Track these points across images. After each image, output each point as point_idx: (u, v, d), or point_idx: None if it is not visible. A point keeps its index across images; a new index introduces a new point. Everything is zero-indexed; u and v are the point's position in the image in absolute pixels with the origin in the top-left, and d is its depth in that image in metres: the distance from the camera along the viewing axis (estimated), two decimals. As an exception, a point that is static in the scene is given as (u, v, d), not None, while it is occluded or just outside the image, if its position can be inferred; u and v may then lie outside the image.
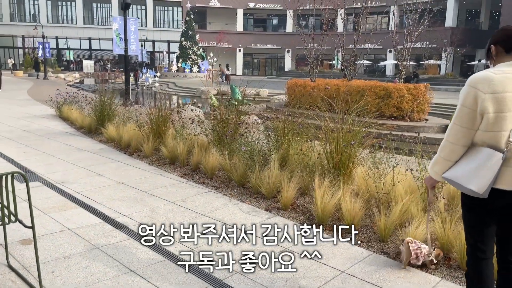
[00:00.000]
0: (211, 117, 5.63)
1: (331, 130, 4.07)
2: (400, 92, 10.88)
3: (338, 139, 4.03)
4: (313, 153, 4.37)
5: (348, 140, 4.02)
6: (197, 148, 5.56)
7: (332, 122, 4.50)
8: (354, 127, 4.14)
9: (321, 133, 4.50)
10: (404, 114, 10.91)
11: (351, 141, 4.01)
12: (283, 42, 52.90)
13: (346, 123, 4.19)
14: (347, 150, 4.02)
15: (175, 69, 39.72)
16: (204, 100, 22.00)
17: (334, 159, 4.06)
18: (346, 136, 4.04)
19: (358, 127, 4.22)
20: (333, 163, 4.08)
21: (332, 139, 4.08)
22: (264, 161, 4.61)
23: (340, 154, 4.01)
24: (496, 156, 1.88)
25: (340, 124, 4.12)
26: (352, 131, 4.04)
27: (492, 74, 1.90)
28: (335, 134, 4.06)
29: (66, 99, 10.63)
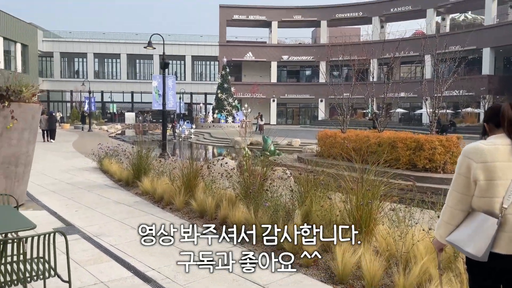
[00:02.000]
0: (238, 170, 5.89)
1: (351, 188, 4.20)
2: (432, 144, 10.81)
3: (358, 196, 4.14)
4: (334, 209, 4.49)
5: (367, 198, 4.13)
6: (225, 202, 5.79)
7: (353, 177, 4.63)
8: (376, 183, 4.25)
9: (343, 189, 4.63)
10: (437, 166, 10.77)
11: (369, 200, 4.12)
12: (316, 92, 53.86)
13: (369, 175, 4.31)
14: (368, 208, 4.12)
15: (211, 120, 41.07)
16: (238, 150, 22.53)
17: (355, 216, 4.16)
18: (366, 193, 4.16)
19: (379, 182, 4.32)
20: (353, 220, 4.18)
21: (352, 196, 4.21)
22: (288, 216, 4.76)
23: (361, 211, 4.11)
24: (491, 220, 2.01)
25: (359, 182, 4.24)
26: (371, 189, 4.15)
27: (483, 146, 2.08)
28: (354, 192, 4.18)
29: (107, 153, 11.30)
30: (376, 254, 3.83)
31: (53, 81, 54.78)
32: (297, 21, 56.53)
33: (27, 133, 6.41)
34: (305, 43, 58.75)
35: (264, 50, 55.46)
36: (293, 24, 58.00)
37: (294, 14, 55.85)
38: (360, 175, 4.40)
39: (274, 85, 54.20)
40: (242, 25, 58.28)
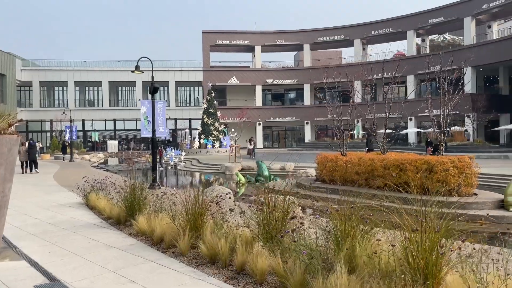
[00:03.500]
0: (256, 206, 5.03)
1: (413, 230, 3.39)
2: (444, 166, 10.18)
3: (422, 239, 3.33)
4: (387, 253, 3.67)
5: (434, 241, 3.32)
6: (240, 245, 4.90)
7: (404, 209, 3.84)
8: (440, 222, 3.45)
9: (395, 227, 3.83)
10: (451, 189, 10.10)
11: (437, 243, 3.31)
12: (301, 114, 53.68)
13: (427, 216, 3.51)
14: (436, 253, 3.31)
15: (197, 146, 40.11)
16: (228, 176, 21.60)
17: (418, 264, 3.34)
18: (434, 235, 3.34)
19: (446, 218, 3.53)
20: (416, 269, 3.36)
21: (414, 239, 3.39)
22: (326, 264, 3.92)
23: (426, 258, 3.30)
24: None
25: (422, 218, 3.43)
26: (439, 230, 3.34)
27: None
28: (418, 234, 3.37)
29: (94, 186, 10.28)
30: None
31: (32, 111, 53.20)
32: (280, 45, 56.78)
33: (2, 169, 5.46)
34: (288, 67, 58.89)
35: (248, 74, 55.29)
36: (276, 48, 58.23)
37: (277, 38, 56.12)
38: (420, 208, 3.60)
39: (260, 109, 53.79)
40: (226, 50, 58.21)
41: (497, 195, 10.11)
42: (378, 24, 53.68)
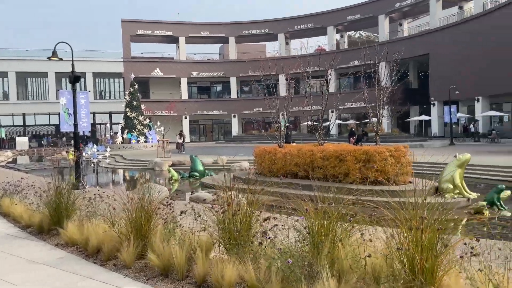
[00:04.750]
0: (216, 208, 4.42)
1: (410, 228, 3.05)
2: (382, 155, 10.37)
3: (422, 238, 3.01)
4: (376, 254, 3.31)
5: (433, 239, 3.02)
6: (200, 252, 4.29)
7: (387, 203, 3.52)
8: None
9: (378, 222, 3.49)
10: (389, 178, 10.32)
11: (437, 241, 3.01)
12: (228, 107, 53.30)
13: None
14: (435, 252, 3.01)
15: (120, 141, 37.86)
16: (158, 172, 20.48)
17: (416, 265, 3.02)
18: (434, 233, 3.03)
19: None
20: (411, 272, 3.03)
21: (411, 239, 3.06)
22: (309, 270, 3.47)
23: (425, 259, 2.98)
24: None
25: (421, 220, 3.10)
26: (441, 228, 3.03)
27: None
28: (417, 234, 3.03)
29: (6, 189, 8.85)
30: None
31: None
32: (205, 37, 55.67)
33: None
34: (214, 59, 58.06)
35: (173, 66, 53.49)
36: (201, 40, 57.04)
37: (201, 30, 54.91)
38: (416, 201, 3.28)
39: (186, 102, 52.36)
40: (148, 41, 55.68)
41: (432, 183, 10.53)
42: (300, 19, 54.93)
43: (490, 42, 33.13)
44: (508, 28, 31.27)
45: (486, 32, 33.76)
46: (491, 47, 32.89)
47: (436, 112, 41.43)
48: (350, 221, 3.58)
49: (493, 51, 32.65)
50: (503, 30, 31.86)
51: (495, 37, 32.58)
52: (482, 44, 34.03)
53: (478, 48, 34.52)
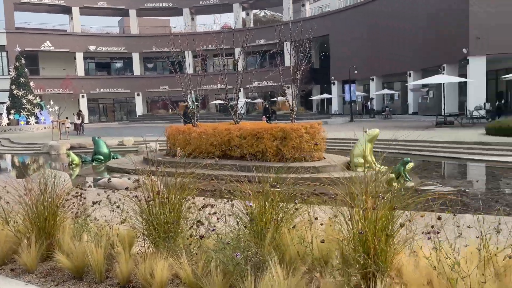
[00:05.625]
0: (141, 196, 3.83)
1: (364, 208, 2.85)
2: (299, 132, 10.42)
3: (376, 218, 2.83)
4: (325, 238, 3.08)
5: (386, 220, 2.86)
6: (123, 248, 3.70)
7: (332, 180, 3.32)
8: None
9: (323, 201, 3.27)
10: (305, 155, 10.44)
11: (392, 219, 2.86)
12: (131, 85, 50.41)
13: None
14: (390, 233, 2.86)
15: (6, 123, 33.62)
16: (55, 156, 18.47)
17: (370, 248, 2.84)
18: (389, 211, 2.87)
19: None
20: (363, 254, 2.86)
21: (365, 220, 2.86)
22: (255, 259, 3.13)
23: (383, 241, 2.80)
24: None
25: (381, 197, 2.91)
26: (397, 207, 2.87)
27: None
28: (371, 214, 2.84)
29: None
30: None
31: None
32: (102, 8, 51.43)
33: None
34: (114, 33, 54.10)
35: (66, 39, 48.65)
36: (98, 11, 52.61)
37: (98, 0, 50.54)
38: (366, 179, 3.09)
39: (82, 79, 48.24)
40: (35, 10, 49.73)
41: (344, 158, 10.92)
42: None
43: (382, 25, 35.70)
44: (397, 12, 33.96)
45: (379, 15, 36.29)
46: (384, 29, 35.48)
47: (336, 91, 43.87)
48: (295, 203, 3.30)
49: (386, 33, 35.28)
50: (393, 14, 34.50)
51: (387, 20, 35.18)
52: (376, 27, 36.57)
53: (373, 30, 37.04)
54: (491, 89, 29.83)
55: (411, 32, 32.30)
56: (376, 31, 36.46)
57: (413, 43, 32.22)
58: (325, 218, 3.31)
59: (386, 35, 35.19)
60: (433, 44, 30.01)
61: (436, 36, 29.68)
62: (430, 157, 13.89)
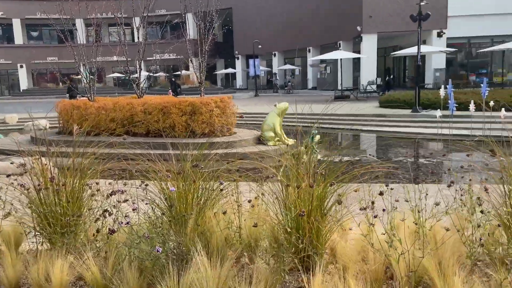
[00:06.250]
0: (29, 184, 3.12)
1: (297, 186, 2.58)
2: (209, 107, 9.98)
3: (312, 196, 2.59)
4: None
5: (322, 198, 2.64)
6: (7, 248, 3.01)
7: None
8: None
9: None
10: (216, 130, 10.08)
11: (327, 197, 2.65)
12: (13, 55, 44.57)
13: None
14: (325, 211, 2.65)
15: None
16: None
17: (304, 228, 2.61)
18: (324, 189, 2.64)
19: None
20: (299, 235, 2.63)
21: (300, 198, 2.61)
22: (177, 251, 2.71)
23: (321, 221, 2.58)
24: None
25: (314, 175, 2.66)
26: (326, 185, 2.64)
27: None
28: (306, 192, 2.59)
29: None
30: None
31: None
32: (-29, -36, 43.99)
33: None
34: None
35: None
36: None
37: (-36, -46, 43.05)
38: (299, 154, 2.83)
39: None
40: None
41: (255, 132, 10.78)
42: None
43: (283, 1, 36.22)
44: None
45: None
46: (285, 5, 36.04)
47: (240, 66, 43.86)
48: (221, 183, 2.94)
49: (287, 9, 35.89)
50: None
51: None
52: (278, 2, 37.00)
53: (275, 5, 37.42)
54: (381, 65, 32.33)
55: (311, 9, 33.30)
56: (278, 6, 36.91)
57: (312, 20, 33.31)
58: (254, 198, 3.01)
59: (287, 11, 35.82)
60: (330, 21, 31.33)
61: (333, 13, 31.00)
62: (333, 130, 14.53)
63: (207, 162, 3.26)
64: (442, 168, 8.22)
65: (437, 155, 9.44)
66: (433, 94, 16.41)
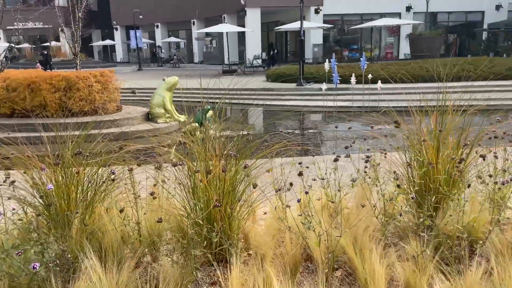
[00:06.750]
0: None
1: (207, 172, 2.25)
2: (87, 81, 8.89)
3: (222, 182, 2.28)
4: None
5: (234, 182, 2.35)
6: None
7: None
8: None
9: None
10: (97, 108, 9.08)
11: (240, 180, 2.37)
12: None
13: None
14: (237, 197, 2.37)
15: None
16: None
17: (216, 218, 2.31)
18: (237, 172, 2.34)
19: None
20: (211, 227, 2.33)
21: (213, 184, 2.28)
22: (61, 262, 2.19)
23: (231, 208, 2.30)
24: None
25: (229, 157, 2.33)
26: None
27: None
28: (217, 177, 2.27)
29: None
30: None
31: None
32: None
33: None
34: None
35: None
36: None
37: None
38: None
39: None
40: None
41: (142, 109, 10.01)
42: None
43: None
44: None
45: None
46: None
47: (120, 37, 40.86)
48: (113, 173, 2.45)
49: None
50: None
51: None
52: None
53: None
54: (265, 40, 33.03)
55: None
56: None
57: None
58: (153, 186, 2.61)
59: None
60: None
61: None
62: (224, 104, 14.36)
63: (92, 145, 2.73)
64: (348, 141, 8.56)
65: (340, 128, 9.80)
66: (315, 68, 17.26)
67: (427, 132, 2.81)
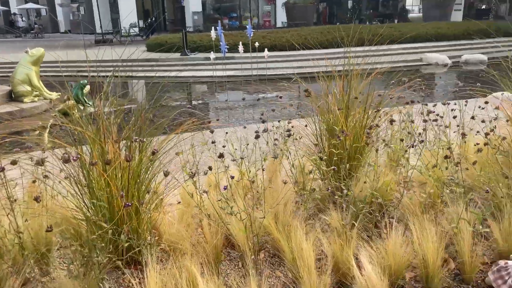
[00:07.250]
0: None
1: (107, 162, 1.83)
2: None
3: (126, 173, 1.89)
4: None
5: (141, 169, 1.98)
6: None
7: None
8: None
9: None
10: None
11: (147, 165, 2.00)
12: None
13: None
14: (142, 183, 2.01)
15: None
16: None
17: (123, 218, 1.94)
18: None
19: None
20: (117, 227, 1.96)
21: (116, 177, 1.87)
22: None
23: (139, 202, 1.93)
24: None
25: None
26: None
27: None
28: (117, 169, 1.86)
29: None
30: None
31: None
32: None
33: None
34: None
35: None
36: None
37: None
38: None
39: None
40: None
41: (3, 87, 8.52)
42: None
43: None
44: None
45: None
46: None
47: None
48: None
49: None
50: None
51: None
52: None
53: None
54: (140, 7, 30.91)
55: None
56: None
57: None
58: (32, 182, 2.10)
59: None
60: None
61: None
62: (102, 78, 13.12)
63: None
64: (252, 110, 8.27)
65: (250, 98, 9.45)
66: (197, 37, 16.73)
67: (335, 100, 2.77)
